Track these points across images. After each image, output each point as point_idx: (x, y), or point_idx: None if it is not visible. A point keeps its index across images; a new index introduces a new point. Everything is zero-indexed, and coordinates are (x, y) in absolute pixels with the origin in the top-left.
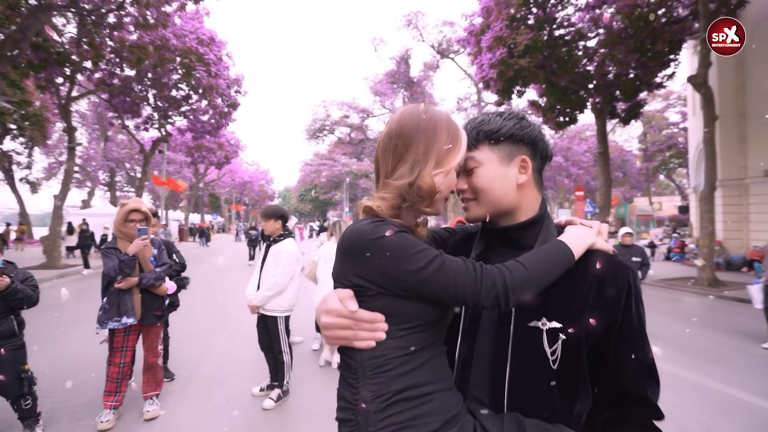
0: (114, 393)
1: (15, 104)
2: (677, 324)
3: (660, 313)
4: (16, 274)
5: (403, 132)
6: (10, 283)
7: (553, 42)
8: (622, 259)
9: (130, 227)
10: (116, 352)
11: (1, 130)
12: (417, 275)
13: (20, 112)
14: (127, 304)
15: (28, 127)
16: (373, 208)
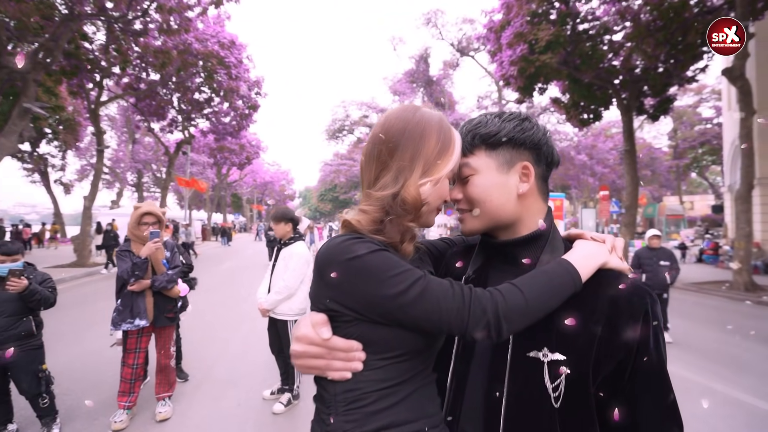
0: (128, 393)
1: (49, 109)
2: (710, 331)
3: (691, 320)
4: (35, 276)
5: (387, 136)
6: (28, 285)
7: (577, 37)
8: (640, 282)
9: (143, 230)
10: (129, 354)
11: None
12: (395, 301)
13: (54, 117)
14: (139, 306)
15: (61, 131)
16: (351, 223)
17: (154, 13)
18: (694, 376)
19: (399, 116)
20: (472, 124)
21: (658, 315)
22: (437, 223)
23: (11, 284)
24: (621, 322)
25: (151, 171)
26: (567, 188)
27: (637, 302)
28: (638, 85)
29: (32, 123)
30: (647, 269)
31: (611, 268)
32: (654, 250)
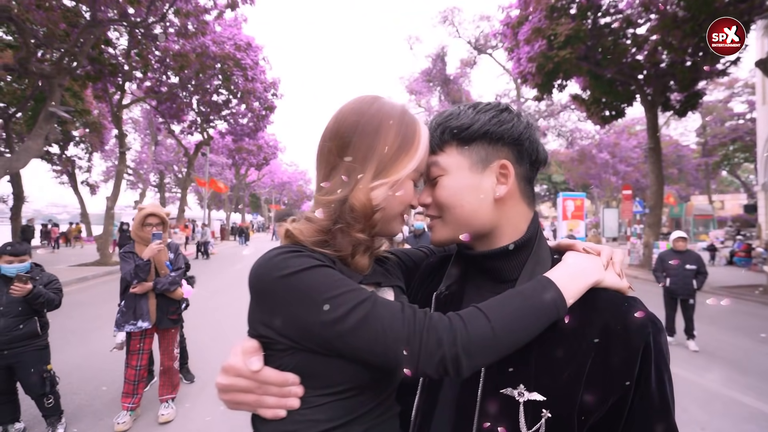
0: (131, 395)
1: (75, 113)
2: (741, 340)
3: (720, 327)
4: (41, 277)
5: (338, 131)
6: (32, 289)
7: (598, 31)
8: (640, 305)
9: (146, 231)
10: (133, 355)
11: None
12: (332, 328)
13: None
14: (142, 308)
15: (87, 134)
16: (293, 233)
17: (173, 17)
18: (721, 387)
19: (353, 108)
20: (442, 116)
21: (663, 347)
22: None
23: (15, 289)
24: (615, 356)
25: (172, 172)
26: (588, 187)
27: (635, 331)
28: (664, 79)
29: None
30: (671, 273)
31: (606, 287)
32: (680, 253)
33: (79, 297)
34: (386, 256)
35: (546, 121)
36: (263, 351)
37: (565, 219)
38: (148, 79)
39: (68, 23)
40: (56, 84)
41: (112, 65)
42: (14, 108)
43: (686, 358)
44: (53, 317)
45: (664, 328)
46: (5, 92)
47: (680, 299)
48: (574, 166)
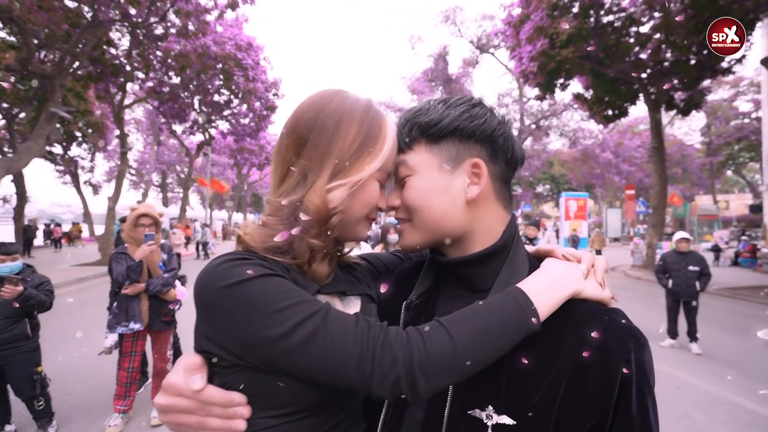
0: (123, 397)
1: (78, 113)
2: (746, 342)
3: (724, 329)
4: (32, 279)
5: (296, 128)
6: (22, 292)
7: (601, 30)
8: (622, 319)
9: (139, 232)
10: (125, 357)
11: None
12: (277, 344)
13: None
14: (134, 309)
15: (90, 135)
16: (244, 239)
17: (174, 17)
18: (724, 391)
19: (312, 103)
20: (411, 112)
21: (646, 366)
22: None
23: (5, 291)
24: (592, 376)
25: (175, 172)
26: (591, 187)
27: (615, 349)
28: (667, 78)
29: (62, 126)
30: (674, 275)
31: (586, 298)
32: (682, 254)
33: (79, 297)
34: (356, 262)
35: (548, 120)
36: (208, 368)
37: (568, 219)
38: (149, 79)
39: (70, 24)
40: (57, 84)
41: (113, 66)
42: (17, 108)
43: (688, 361)
44: (52, 317)
45: (648, 345)
46: (8, 93)
47: (683, 301)
48: (577, 166)
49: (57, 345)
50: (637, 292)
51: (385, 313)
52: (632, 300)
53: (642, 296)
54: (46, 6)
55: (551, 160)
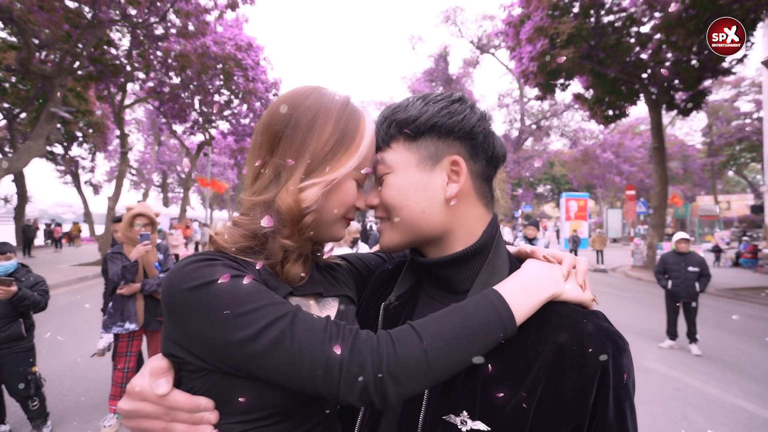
0: (119, 397)
1: (78, 113)
2: (746, 344)
3: (723, 330)
4: (27, 279)
5: (270, 125)
6: (17, 292)
7: (601, 30)
8: (602, 321)
9: (134, 232)
10: (120, 357)
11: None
12: (243, 348)
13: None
14: (130, 309)
15: (91, 135)
16: (215, 239)
17: (174, 17)
18: (723, 393)
19: (287, 100)
20: (390, 108)
21: (624, 370)
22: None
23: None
24: (568, 381)
25: (175, 172)
26: (592, 188)
27: (593, 353)
28: (668, 78)
29: (63, 126)
30: (674, 275)
31: (566, 301)
32: (682, 254)
33: (79, 297)
34: (337, 263)
35: (549, 120)
36: (175, 372)
37: (569, 219)
38: (150, 79)
39: (71, 24)
40: (57, 84)
41: (114, 66)
42: (18, 109)
43: (688, 362)
44: (52, 317)
45: (628, 348)
46: (9, 93)
47: (683, 302)
48: (578, 166)
49: (55, 346)
50: (638, 293)
51: (366, 315)
52: (633, 301)
53: (642, 297)
54: (47, 6)
55: (552, 161)
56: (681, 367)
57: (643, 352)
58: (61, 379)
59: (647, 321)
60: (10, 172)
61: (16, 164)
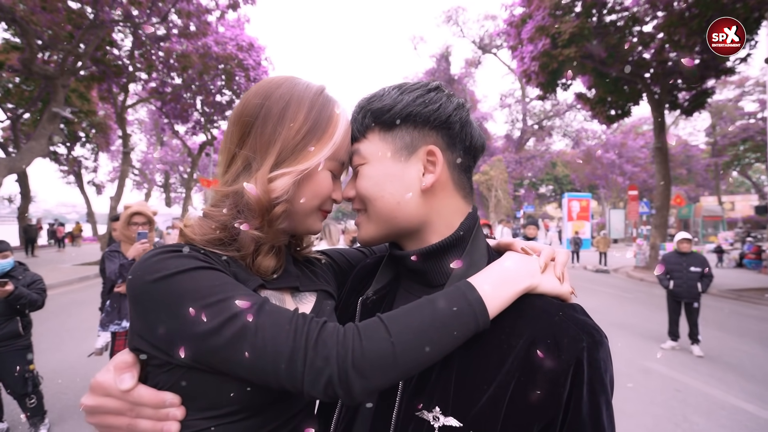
0: None
1: (81, 113)
2: (747, 345)
3: (726, 331)
4: (24, 277)
5: (241, 115)
6: (13, 291)
7: (603, 29)
8: (579, 314)
9: (132, 230)
10: None
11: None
12: (206, 341)
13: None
14: (127, 307)
15: (94, 135)
16: (184, 232)
17: (176, 18)
18: (725, 395)
19: (259, 90)
20: (365, 98)
21: (600, 364)
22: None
23: None
24: (542, 375)
25: (177, 172)
26: (595, 188)
27: (567, 346)
28: (671, 78)
29: (65, 126)
30: (676, 276)
31: (543, 293)
32: (684, 254)
33: (80, 296)
34: (316, 257)
35: (551, 121)
36: (141, 367)
37: (571, 220)
38: (152, 79)
39: (73, 25)
40: (60, 85)
41: (116, 66)
42: (22, 109)
43: (690, 363)
44: (53, 316)
45: (605, 342)
46: (12, 93)
47: (684, 302)
48: (580, 167)
49: (56, 344)
50: (640, 294)
51: (346, 310)
52: (634, 301)
53: (644, 298)
54: (50, 7)
55: (554, 161)
56: (682, 368)
57: (644, 352)
58: (60, 377)
59: (649, 321)
60: (12, 172)
61: (19, 164)
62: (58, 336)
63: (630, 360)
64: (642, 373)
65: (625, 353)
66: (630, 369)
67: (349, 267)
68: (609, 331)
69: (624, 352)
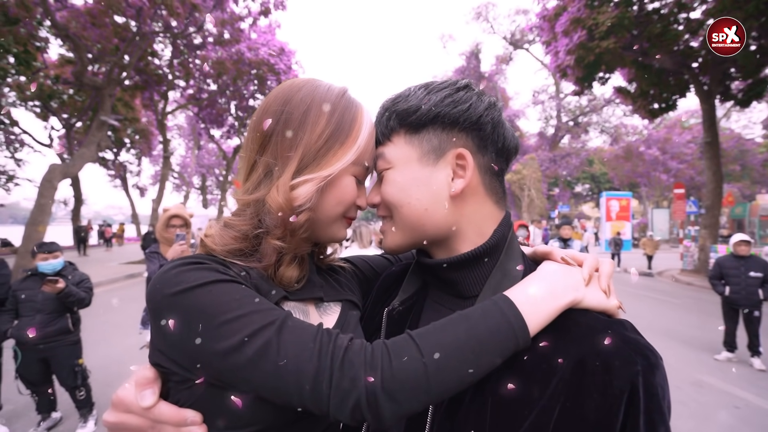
0: None
1: (126, 121)
2: None
3: None
4: (73, 276)
5: (262, 119)
6: (64, 288)
7: (645, 18)
8: (629, 332)
9: (170, 232)
10: None
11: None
12: (226, 359)
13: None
14: None
15: (137, 141)
16: (205, 242)
17: (211, 26)
18: None
19: (279, 94)
20: (390, 99)
21: (658, 390)
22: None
23: (47, 287)
24: (591, 401)
25: (213, 175)
26: (636, 186)
27: (619, 369)
28: (723, 67)
29: (112, 133)
30: (732, 281)
31: (587, 308)
32: (741, 258)
33: (127, 293)
34: (340, 265)
35: (588, 117)
36: (162, 382)
37: (610, 220)
38: (189, 87)
39: (119, 38)
40: (107, 94)
41: (157, 75)
42: (75, 118)
43: (749, 378)
44: (103, 312)
45: (661, 364)
46: (67, 104)
47: (743, 311)
48: (620, 164)
49: (103, 338)
50: (688, 300)
51: (370, 322)
52: (682, 308)
53: (693, 304)
54: (99, 22)
55: (591, 158)
56: (741, 382)
57: (695, 364)
58: (107, 371)
59: (700, 330)
60: (67, 177)
61: (72, 169)
62: (106, 331)
63: (680, 372)
64: (694, 387)
65: (675, 364)
66: (681, 382)
67: (373, 275)
68: (655, 340)
69: (672, 363)
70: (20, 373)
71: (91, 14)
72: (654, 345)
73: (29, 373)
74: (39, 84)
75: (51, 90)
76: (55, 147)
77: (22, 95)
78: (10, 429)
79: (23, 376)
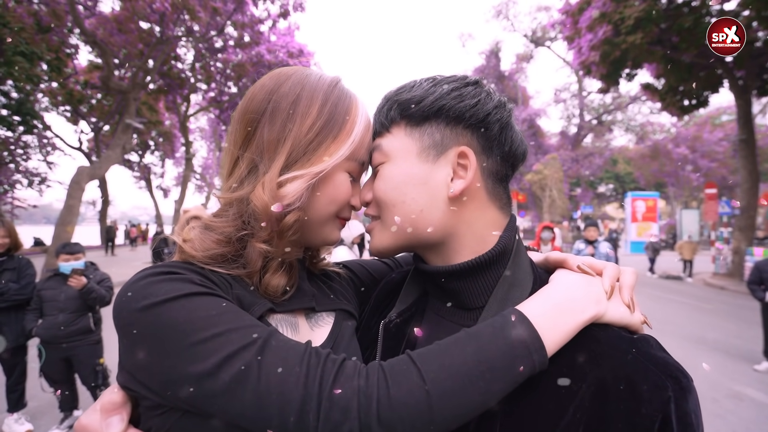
0: None
1: (150, 124)
2: None
3: None
4: (95, 275)
5: (247, 110)
6: (86, 284)
7: (674, 11)
8: (656, 351)
9: None
10: None
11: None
12: (200, 385)
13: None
14: None
15: (161, 143)
16: (182, 247)
17: (232, 30)
18: None
19: (266, 82)
20: (393, 90)
21: (691, 419)
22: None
23: (72, 281)
24: (615, 429)
25: None
26: (663, 186)
27: (649, 395)
28: (759, 60)
29: (137, 136)
30: None
31: (609, 323)
32: None
33: None
34: (335, 271)
35: (612, 115)
36: (133, 407)
37: (635, 221)
38: (210, 89)
39: (144, 43)
40: (132, 98)
41: (180, 78)
42: (102, 122)
43: None
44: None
45: (693, 387)
46: (95, 108)
47: None
48: (646, 163)
49: None
50: (721, 305)
51: (367, 333)
52: (715, 314)
53: (727, 309)
54: (125, 29)
55: (615, 158)
56: None
57: (733, 374)
58: None
59: (737, 338)
60: (94, 178)
61: (98, 171)
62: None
63: (717, 383)
64: (733, 400)
65: (710, 374)
66: (717, 393)
67: (371, 282)
68: (686, 347)
69: (708, 373)
70: (44, 371)
71: (117, 20)
72: (686, 353)
73: (53, 371)
74: (69, 89)
75: (80, 95)
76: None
77: (54, 100)
78: (35, 425)
79: (47, 374)
